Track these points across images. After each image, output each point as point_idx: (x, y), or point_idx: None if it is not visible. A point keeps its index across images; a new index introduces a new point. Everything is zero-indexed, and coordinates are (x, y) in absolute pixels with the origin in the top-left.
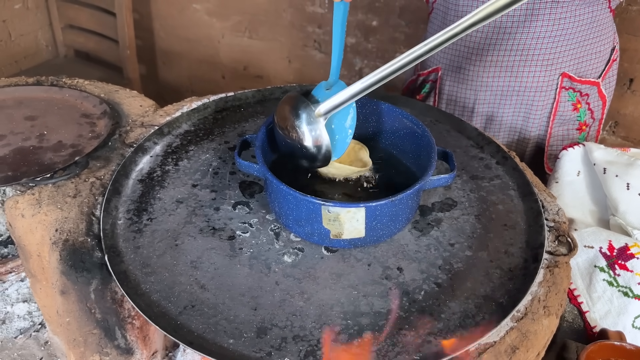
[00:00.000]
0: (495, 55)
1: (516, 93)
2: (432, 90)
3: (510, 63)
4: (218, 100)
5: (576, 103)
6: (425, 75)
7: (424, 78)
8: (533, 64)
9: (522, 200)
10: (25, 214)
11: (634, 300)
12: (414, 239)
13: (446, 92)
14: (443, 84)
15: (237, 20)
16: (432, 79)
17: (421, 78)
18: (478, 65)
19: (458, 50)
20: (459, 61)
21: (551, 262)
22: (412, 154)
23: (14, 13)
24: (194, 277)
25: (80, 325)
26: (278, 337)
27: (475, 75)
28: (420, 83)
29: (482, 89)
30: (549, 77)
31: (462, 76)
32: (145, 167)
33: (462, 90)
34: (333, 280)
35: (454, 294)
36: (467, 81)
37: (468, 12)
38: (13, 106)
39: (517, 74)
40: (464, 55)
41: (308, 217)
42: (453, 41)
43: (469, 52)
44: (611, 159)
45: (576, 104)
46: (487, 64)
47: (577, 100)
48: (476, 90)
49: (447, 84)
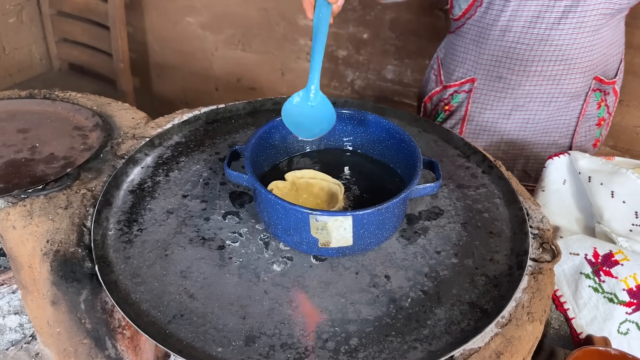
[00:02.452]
0: (540, 65)
1: (555, 99)
2: (464, 101)
3: (554, 72)
4: (209, 112)
5: (600, 102)
6: (457, 86)
7: (455, 89)
8: (574, 71)
9: (507, 208)
10: (17, 226)
11: (619, 306)
12: (401, 247)
13: (481, 101)
14: (478, 93)
15: (230, 33)
16: (466, 89)
17: (452, 89)
18: (521, 75)
19: (500, 61)
20: (499, 71)
21: (535, 269)
22: (399, 163)
23: (8, 27)
24: (184, 287)
25: (70, 336)
26: (266, 345)
27: (517, 84)
28: (451, 94)
29: (522, 96)
30: (586, 82)
31: (501, 85)
32: (136, 178)
33: (500, 98)
34: (321, 289)
35: (440, 301)
36: (507, 90)
37: (509, 25)
38: (6, 119)
39: (559, 81)
40: (506, 65)
41: (296, 226)
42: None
43: (512, 62)
44: (596, 167)
45: (600, 102)
46: (532, 73)
47: (601, 99)
48: (515, 98)
49: (483, 93)
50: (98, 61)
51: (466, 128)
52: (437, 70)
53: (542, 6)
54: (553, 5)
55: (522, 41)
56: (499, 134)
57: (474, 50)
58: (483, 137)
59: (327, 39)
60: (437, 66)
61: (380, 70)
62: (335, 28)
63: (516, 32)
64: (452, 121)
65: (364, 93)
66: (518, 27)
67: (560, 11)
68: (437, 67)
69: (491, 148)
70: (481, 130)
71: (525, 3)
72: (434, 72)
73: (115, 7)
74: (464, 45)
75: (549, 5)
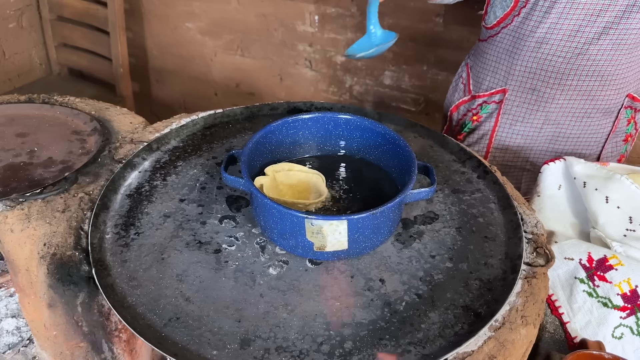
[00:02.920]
0: (576, 79)
1: (588, 114)
2: (494, 112)
3: (589, 87)
4: (207, 116)
5: (630, 119)
6: (487, 96)
7: (485, 99)
8: (609, 87)
9: (502, 213)
10: (15, 229)
11: (613, 311)
12: (396, 251)
13: (512, 113)
14: (510, 105)
15: (229, 39)
16: (497, 100)
17: (481, 99)
18: (556, 88)
19: (534, 73)
20: (533, 83)
21: (529, 273)
22: (395, 168)
23: (8, 32)
24: (180, 290)
25: (67, 339)
26: (261, 349)
27: (550, 98)
28: (479, 104)
29: (555, 109)
30: (619, 99)
31: (534, 98)
32: (133, 183)
33: (532, 111)
34: (316, 292)
35: (434, 305)
36: (540, 102)
37: (546, 37)
38: (4, 123)
39: (593, 97)
40: (541, 78)
41: (292, 230)
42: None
43: (547, 75)
44: (591, 173)
45: (630, 119)
46: (566, 87)
47: (632, 116)
48: (548, 112)
49: (515, 104)
50: (97, 66)
51: (495, 139)
52: (465, 79)
53: (583, 20)
54: (594, 21)
55: (559, 54)
56: (528, 147)
57: (506, 60)
58: (512, 149)
59: (326, 44)
60: (467, 74)
61: (378, 76)
62: (334, 34)
63: (553, 45)
64: (479, 132)
65: (362, 98)
66: (556, 40)
67: (602, 27)
68: (465, 75)
69: (519, 160)
70: (511, 142)
71: (566, 16)
72: (462, 81)
73: (115, 13)
74: (496, 54)
75: (589, 20)
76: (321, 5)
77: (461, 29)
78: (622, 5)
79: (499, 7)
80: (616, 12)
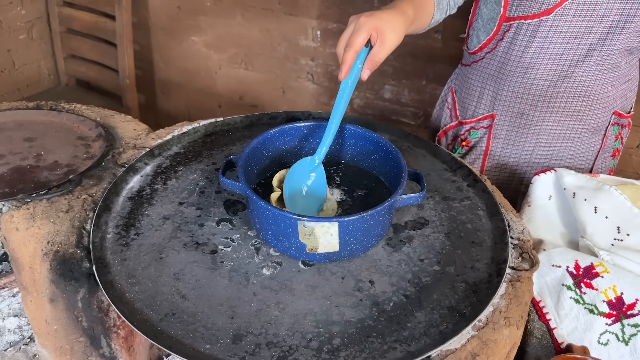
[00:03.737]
0: (564, 101)
1: (578, 135)
2: (483, 136)
3: (577, 108)
4: (208, 124)
5: (617, 135)
6: (474, 122)
7: (472, 125)
8: (596, 106)
9: (489, 220)
10: (20, 228)
11: (599, 317)
12: (386, 254)
13: (503, 137)
14: (499, 129)
15: (233, 53)
16: (485, 125)
17: (468, 125)
18: (545, 111)
19: (521, 97)
20: (521, 107)
21: (514, 277)
22: (386, 175)
23: (18, 43)
24: (176, 288)
25: (67, 333)
26: (252, 344)
27: (540, 120)
28: (467, 130)
29: (544, 132)
30: (606, 117)
31: (523, 121)
32: (135, 186)
33: (522, 134)
34: (308, 292)
35: (421, 305)
36: (529, 126)
37: (532, 61)
38: (13, 128)
39: (582, 117)
40: (529, 102)
41: (285, 231)
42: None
43: (534, 99)
44: (581, 184)
45: (617, 135)
46: (555, 109)
47: (619, 132)
48: (538, 134)
49: (504, 129)
50: (104, 77)
51: (488, 163)
52: (451, 104)
53: (568, 43)
54: (578, 43)
55: (545, 77)
56: (521, 170)
57: (492, 85)
58: (506, 172)
59: (327, 58)
60: (452, 99)
61: (378, 90)
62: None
63: (539, 69)
64: (471, 157)
65: (362, 112)
66: (542, 64)
67: (586, 49)
68: (451, 100)
69: (513, 183)
70: (503, 166)
71: (551, 39)
72: (447, 106)
73: (123, 26)
74: (482, 80)
75: (574, 42)
76: (323, 21)
77: (459, 45)
78: (604, 27)
79: (482, 30)
80: (599, 34)
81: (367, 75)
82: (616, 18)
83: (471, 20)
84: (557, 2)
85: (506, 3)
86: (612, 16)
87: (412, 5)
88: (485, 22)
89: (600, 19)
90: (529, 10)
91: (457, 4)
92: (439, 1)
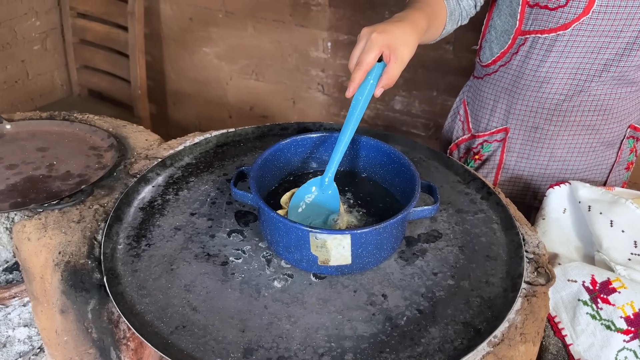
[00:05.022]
0: (579, 115)
1: (593, 149)
2: (497, 149)
3: (592, 122)
4: (219, 135)
5: (632, 148)
6: (487, 136)
7: (485, 139)
8: (611, 120)
9: (504, 233)
10: (31, 238)
11: (616, 334)
12: (399, 267)
13: (517, 151)
14: (513, 143)
15: (244, 64)
16: (498, 138)
17: (481, 139)
18: (559, 125)
19: (535, 111)
20: (535, 121)
21: (529, 292)
22: (399, 187)
23: (32, 54)
24: (187, 300)
25: (77, 345)
26: (263, 358)
27: (555, 134)
28: (480, 143)
29: (559, 146)
30: (621, 130)
31: (537, 135)
32: (147, 196)
33: (537, 148)
34: (320, 305)
35: (435, 320)
36: (543, 140)
37: (547, 76)
38: (26, 138)
39: (597, 131)
40: (543, 116)
41: (297, 243)
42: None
43: (549, 113)
44: (596, 197)
45: (632, 148)
46: (570, 123)
47: (634, 145)
48: (552, 149)
49: (518, 143)
50: (116, 88)
51: (501, 176)
52: (463, 116)
53: (584, 58)
54: (595, 58)
55: (560, 91)
56: (535, 183)
57: (505, 99)
58: (519, 186)
59: (338, 69)
60: (464, 112)
61: (389, 101)
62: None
63: (555, 84)
64: (484, 170)
65: (373, 123)
66: (557, 79)
67: (602, 64)
68: (463, 112)
69: (527, 197)
70: (517, 179)
71: (567, 54)
72: (459, 118)
73: (135, 37)
74: (495, 93)
75: (590, 57)
76: (334, 33)
77: (471, 56)
78: (622, 42)
79: (495, 42)
80: (617, 50)
81: (380, 93)
82: (634, 34)
83: (484, 32)
84: (575, 17)
85: (522, 16)
86: (630, 32)
87: (425, 16)
88: (499, 35)
89: (618, 34)
90: (546, 25)
91: (469, 15)
92: (451, 11)
